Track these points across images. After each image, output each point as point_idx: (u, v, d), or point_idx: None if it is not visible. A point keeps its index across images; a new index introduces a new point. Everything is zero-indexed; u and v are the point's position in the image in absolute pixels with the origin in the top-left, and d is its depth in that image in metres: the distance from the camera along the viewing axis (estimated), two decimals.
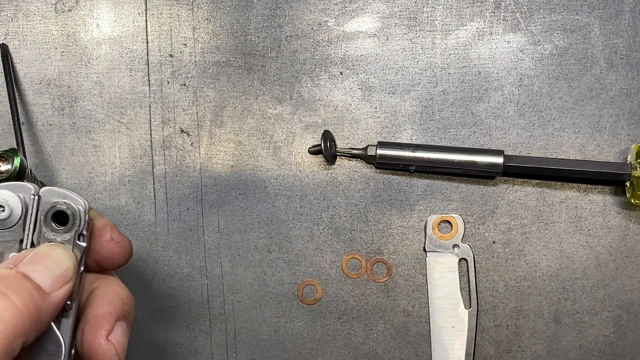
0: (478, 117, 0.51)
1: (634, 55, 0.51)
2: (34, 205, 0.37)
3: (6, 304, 0.32)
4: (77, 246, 0.36)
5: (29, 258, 0.35)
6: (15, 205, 0.36)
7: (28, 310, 0.33)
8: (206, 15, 0.52)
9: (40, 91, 0.52)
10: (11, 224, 0.37)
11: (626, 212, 0.51)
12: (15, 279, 0.34)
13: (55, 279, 0.35)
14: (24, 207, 0.37)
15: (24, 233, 0.37)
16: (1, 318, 0.31)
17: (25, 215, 0.37)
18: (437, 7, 0.51)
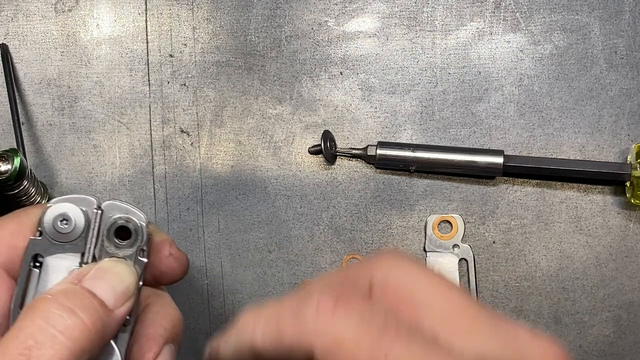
0: (478, 117, 0.51)
1: (634, 55, 0.51)
2: (96, 219, 0.37)
3: (75, 321, 0.32)
4: (138, 261, 0.36)
5: (92, 273, 0.35)
6: (79, 218, 0.36)
7: (95, 327, 0.33)
8: (206, 15, 0.52)
9: (40, 91, 0.52)
10: (74, 237, 0.36)
11: (626, 212, 0.51)
12: (82, 294, 0.34)
13: (118, 295, 0.35)
14: (87, 220, 0.37)
15: (85, 247, 0.37)
16: (70, 335, 0.31)
17: (87, 229, 0.37)
18: (437, 7, 0.51)
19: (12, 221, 0.37)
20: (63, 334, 0.31)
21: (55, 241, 0.36)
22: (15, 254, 0.37)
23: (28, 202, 0.48)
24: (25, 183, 0.46)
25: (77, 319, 0.32)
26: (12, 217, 0.38)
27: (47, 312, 0.32)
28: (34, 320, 0.32)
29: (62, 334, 0.31)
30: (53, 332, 0.31)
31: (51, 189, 0.50)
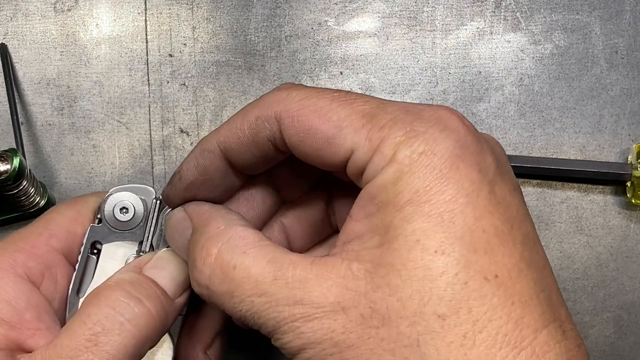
0: (478, 117, 0.51)
1: (635, 55, 0.51)
2: (155, 209, 0.38)
3: (141, 309, 0.33)
4: None
5: (152, 263, 0.36)
6: (138, 207, 0.38)
7: (159, 316, 0.33)
8: (206, 15, 0.52)
9: (40, 91, 0.52)
10: (132, 226, 0.38)
11: (627, 212, 0.51)
12: (146, 284, 0.34)
13: (178, 285, 0.36)
14: (146, 210, 0.38)
15: (143, 235, 0.38)
16: (137, 324, 0.32)
17: (146, 218, 0.38)
18: (437, 7, 0.51)
19: (71, 208, 0.38)
20: (130, 322, 0.32)
21: (114, 229, 0.38)
22: (74, 241, 0.38)
23: (27, 202, 0.48)
24: (25, 183, 0.46)
25: (143, 307, 0.33)
26: (70, 205, 0.39)
27: (115, 299, 0.32)
28: (101, 307, 0.32)
29: (129, 322, 0.32)
30: (121, 319, 0.32)
31: (50, 188, 0.50)
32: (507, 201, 0.30)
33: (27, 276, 0.35)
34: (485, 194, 0.29)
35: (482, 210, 0.28)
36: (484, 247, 0.28)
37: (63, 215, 0.38)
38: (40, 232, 0.37)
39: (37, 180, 0.49)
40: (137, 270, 0.35)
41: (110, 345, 0.31)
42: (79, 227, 0.38)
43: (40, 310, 0.35)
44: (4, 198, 0.47)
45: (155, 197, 0.38)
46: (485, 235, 0.28)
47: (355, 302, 0.28)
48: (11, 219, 0.49)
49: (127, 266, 0.36)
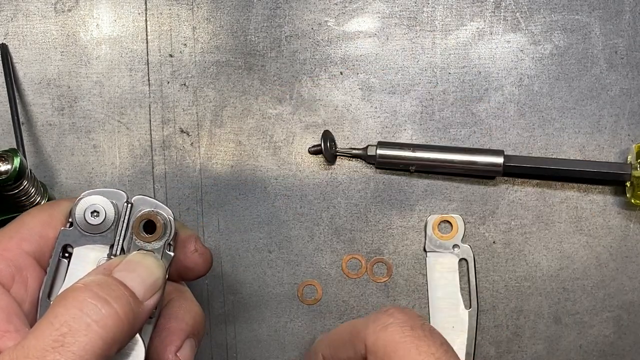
0: (478, 117, 0.51)
1: (634, 55, 0.51)
2: (126, 213, 0.38)
3: (108, 311, 0.32)
4: (165, 255, 0.37)
5: (122, 265, 0.36)
6: (109, 211, 0.37)
7: (127, 317, 0.33)
8: (206, 15, 0.52)
9: (40, 91, 0.52)
10: (103, 229, 0.37)
11: (626, 212, 0.51)
12: (115, 285, 0.34)
13: (147, 287, 0.35)
14: (117, 213, 0.38)
15: (114, 239, 0.38)
16: (104, 325, 0.32)
17: (117, 222, 0.38)
18: (437, 7, 0.51)
19: (43, 212, 0.38)
20: (97, 323, 0.32)
21: (85, 232, 0.38)
22: (46, 244, 0.38)
23: (28, 202, 0.48)
24: (25, 183, 0.46)
25: (110, 309, 0.33)
26: (43, 208, 0.39)
27: (82, 301, 0.32)
28: (68, 308, 0.32)
29: (96, 323, 0.32)
30: (87, 320, 0.32)
31: (51, 189, 0.50)
32: None
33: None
34: None
35: None
36: None
37: (35, 219, 0.38)
38: (12, 235, 0.37)
39: (38, 180, 0.49)
40: (107, 272, 0.35)
41: (77, 346, 0.31)
42: (51, 230, 0.38)
43: (10, 312, 0.35)
44: (5, 198, 0.47)
45: (127, 201, 0.38)
46: None
47: None
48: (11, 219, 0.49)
49: (96, 269, 0.36)
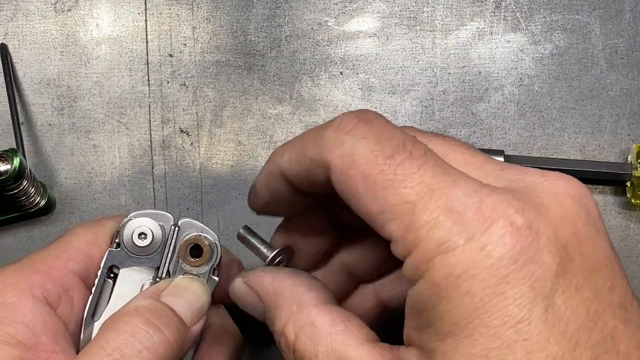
0: (478, 117, 0.51)
1: (635, 55, 0.51)
2: (173, 236, 0.38)
3: (160, 337, 0.33)
4: (210, 280, 0.38)
5: (170, 290, 0.36)
6: (157, 234, 0.38)
7: (177, 344, 0.34)
8: (206, 15, 0.52)
9: (40, 91, 0.52)
10: (150, 252, 0.38)
11: (627, 212, 0.51)
12: (165, 312, 0.34)
13: (195, 313, 0.36)
14: (164, 236, 0.38)
15: (160, 261, 0.38)
16: (155, 351, 0.32)
17: (164, 245, 0.38)
18: (437, 7, 0.51)
19: (89, 231, 0.38)
20: (148, 350, 0.32)
21: (132, 254, 0.38)
22: (91, 264, 0.37)
23: (27, 202, 0.48)
24: (25, 183, 0.46)
25: (161, 335, 0.33)
26: (88, 228, 0.38)
27: (134, 326, 0.33)
28: (120, 333, 0.33)
29: (147, 349, 0.32)
30: (139, 346, 0.32)
31: (51, 189, 0.50)
32: (572, 307, 0.26)
33: (44, 298, 0.35)
34: (539, 315, 0.25)
35: (535, 339, 0.25)
36: None
37: (81, 238, 0.38)
38: (58, 254, 0.37)
39: (37, 180, 0.49)
40: (155, 296, 0.35)
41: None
42: (96, 250, 0.38)
43: (57, 333, 0.35)
44: (4, 198, 0.47)
45: (174, 224, 0.38)
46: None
47: None
48: (11, 219, 0.49)
49: (144, 292, 0.36)
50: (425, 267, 0.27)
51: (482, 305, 0.25)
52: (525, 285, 0.25)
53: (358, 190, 0.29)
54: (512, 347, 0.25)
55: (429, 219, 0.27)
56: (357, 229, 0.37)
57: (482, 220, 0.26)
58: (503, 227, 0.26)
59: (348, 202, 0.30)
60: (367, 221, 0.29)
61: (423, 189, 0.27)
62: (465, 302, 0.26)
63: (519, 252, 0.26)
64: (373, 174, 0.28)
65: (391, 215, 0.28)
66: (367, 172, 0.28)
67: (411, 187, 0.27)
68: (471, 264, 0.26)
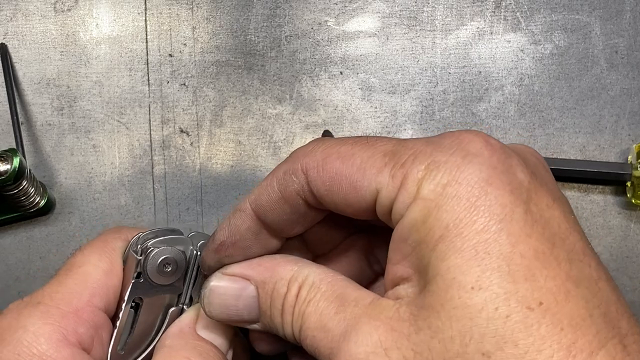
0: (478, 117, 0.51)
1: (635, 55, 0.51)
2: (194, 262, 0.38)
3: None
4: None
5: (204, 322, 0.36)
6: (180, 262, 0.37)
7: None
8: (206, 15, 0.52)
9: (40, 91, 0.52)
10: (174, 280, 0.37)
11: (627, 212, 0.51)
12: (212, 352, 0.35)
13: (229, 342, 0.37)
14: (187, 263, 0.38)
15: (183, 288, 0.38)
16: None
17: (186, 271, 0.38)
18: (437, 7, 0.51)
19: (103, 259, 0.37)
20: None
21: (155, 284, 0.37)
22: (112, 295, 0.37)
23: (27, 202, 0.48)
24: (25, 183, 0.46)
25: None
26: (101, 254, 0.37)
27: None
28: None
29: None
30: None
31: (50, 189, 0.50)
32: (545, 217, 0.28)
33: (79, 344, 0.34)
34: (520, 214, 0.27)
35: (518, 234, 0.27)
36: (523, 275, 0.26)
37: (98, 269, 0.37)
38: (80, 291, 0.36)
39: (37, 180, 0.49)
40: (191, 329, 0.36)
41: None
42: (115, 279, 0.37)
43: None
44: (4, 198, 0.47)
45: (193, 247, 0.38)
46: (525, 260, 0.27)
47: (398, 344, 0.28)
48: (11, 219, 0.49)
49: (179, 327, 0.36)
50: (415, 191, 0.28)
51: (469, 205, 0.27)
52: (506, 189, 0.28)
53: (339, 169, 0.31)
54: (499, 239, 0.27)
55: (411, 152, 0.29)
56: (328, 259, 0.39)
57: (458, 142, 0.29)
58: (479, 143, 0.29)
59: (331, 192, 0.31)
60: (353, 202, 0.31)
61: (396, 141, 0.31)
62: (453, 205, 0.28)
63: (497, 162, 0.28)
64: (348, 149, 0.31)
65: (374, 168, 0.30)
66: (341, 150, 0.31)
67: (387, 141, 0.31)
68: (456, 171, 0.28)
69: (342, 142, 0.31)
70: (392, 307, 0.29)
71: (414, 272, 0.29)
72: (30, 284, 0.50)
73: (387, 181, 0.29)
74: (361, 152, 0.31)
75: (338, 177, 0.31)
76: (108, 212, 0.51)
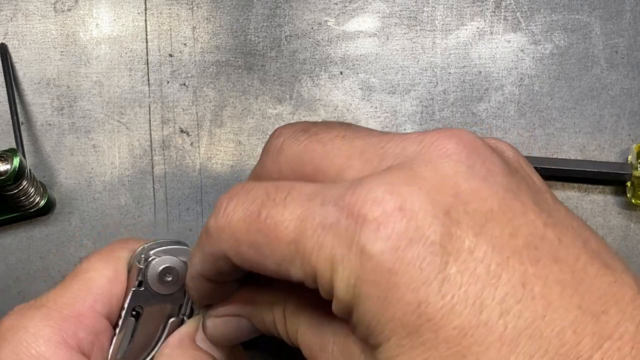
0: (478, 117, 0.51)
1: (635, 55, 0.51)
2: None
3: None
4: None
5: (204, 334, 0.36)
6: (181, 271, 0.37)
7: None
8: (206, 15, 0.52)
9: (40, 91, 0.52)
10: (174, 290, 0.37)
11: (627, 212, 0.51)
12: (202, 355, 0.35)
13: (230, 353, 0.37)
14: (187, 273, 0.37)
15: (184, 298, 0.38)
16: None
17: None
18: (437, 7, 0.51)
19: (108, 267, 0.37)
20: None
21: (156, 293, 0.37)
22: (115, 302, 0.37)
23: (27, 202, 0.48)
24: (25, 183, 0.46)
25: None
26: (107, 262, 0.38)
27: None
28: None
29: None
30: None
31: (50, 189, 0.50)
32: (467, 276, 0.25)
33: (78, 348, 0.35)
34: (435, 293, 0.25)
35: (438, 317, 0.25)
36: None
37: (103, 276, 0.37)
38: (84, 296, 0.36)
39: (37, 180, 0.49)
40: (190, 340, 0.36)
41: None
42: (118, 287, 0.37)
43: None
44: (4, 198, 0.47)
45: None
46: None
47: None
48: (11, 219, 0.49)
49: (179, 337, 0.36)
50: (329, 289, 0.27)
51: (381, 303, 0.25)
52: (414, 269, 0.25)
53: (256, 260, 0.29)
54: (420, 330, 0.25)
55: (313, 244, 0.27)
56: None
57: (354, 222, 0.26)
58: (374, 221, 0.26)
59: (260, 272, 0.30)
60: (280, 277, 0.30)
61: (296, 223, 0.28)
62: (366, 306, 0.26)
63: (397, 239, 0.25)
64: (254, 238, 0.29)
65: (286, 262, 0.28)
66: (250, 239, 0.29)
67: (285, 228, 0.28)
68: (358, 269, 0.26)
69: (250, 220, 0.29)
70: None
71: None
72: (30, 284, 0.50)
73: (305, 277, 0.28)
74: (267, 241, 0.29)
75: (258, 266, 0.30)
76: (108, 212, 0.51)
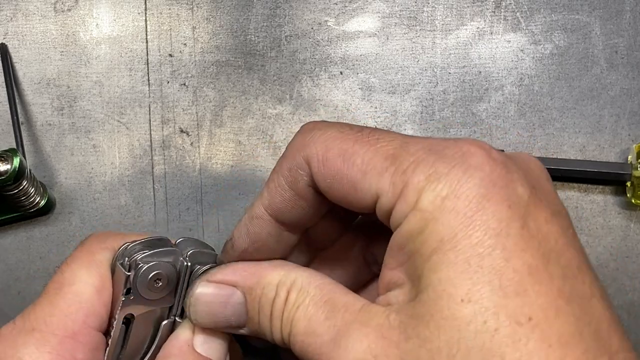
0: (478, 117, 0.51)
1: (635, 55, 0.51)
2: (185, 273, 0.37)
3: None
4: None
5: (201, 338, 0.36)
6: (171, 276, 0.36)
7: None
8: (206, 15, 0.52)
9: (40, 91, 0.52)
10: (164, 294, 0.37)
11: (627, 212, 0.51)
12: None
13: (226, 355, 0.36)
14: (177, 276, 0.37)
15: (174, 300, 0.37)
16: None
17: (176, 284, 0.37)
18: (437, 7, 0.51)
19: (93, 275, 0.36)
20: None
21: (146, 299, 0.36)
22: (105, 311, 0.36)
23: (27, 202, 0.48)
24: (25, 183, 0.46)
25: None
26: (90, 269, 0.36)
27: None
28: None
29: None
30: None
31: (50, 188, 0.50)
32: (543, 233, 0.28)
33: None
34: (517, 230, 0.27)
35: (513, 248, 0.27)
36: (515, 289, 0.26)
37: (89, 286, 0.36)
38: (75, 312, 0.35)
39: (37, 180, 0.49)
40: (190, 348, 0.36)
41: None
42: (105, 294, 0.36)
43: None
44: (4, 198, 0.47)
45: (183, 259, 0.37)
46: (517, 275, 0.27)
47: (387, 352, 0.28)
48: (11, 219, 0.49)
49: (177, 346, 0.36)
50: (414, 200, 0.28)
51: (465, 219, 0.27)
52: (504, 204, 0.28)
53: (340, 168, 0.31)
54: (492, 254, 0.27)
55: (413, 159, 0.29)
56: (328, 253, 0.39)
57: (461, 153, 0.29)
58: (481, 157, 0.29)
59: (332, 189, 0.31)
60: (353, 201, 0.31)
61: (399, 142, 0.30)
62: (450, 218, 0.28)
63: (497, 177, 0.28)
64: (349, 147, 0.31)
65: (375, 171, 0.30)
66: (343, 147, 0.31)
67: (389, 141, 0.30)
68: (455, 185, 0.28)
69: (343, 137, 0.31)
70: (382, 314, 0.29)
71: (407, 280, 0.29)
72: (30, 284, 0.50)
73: (388, 188, 0.29)
74: (362, 151, 0.30)
75: (339, 176, 0.31)
76: (108, 212, 0.51)
